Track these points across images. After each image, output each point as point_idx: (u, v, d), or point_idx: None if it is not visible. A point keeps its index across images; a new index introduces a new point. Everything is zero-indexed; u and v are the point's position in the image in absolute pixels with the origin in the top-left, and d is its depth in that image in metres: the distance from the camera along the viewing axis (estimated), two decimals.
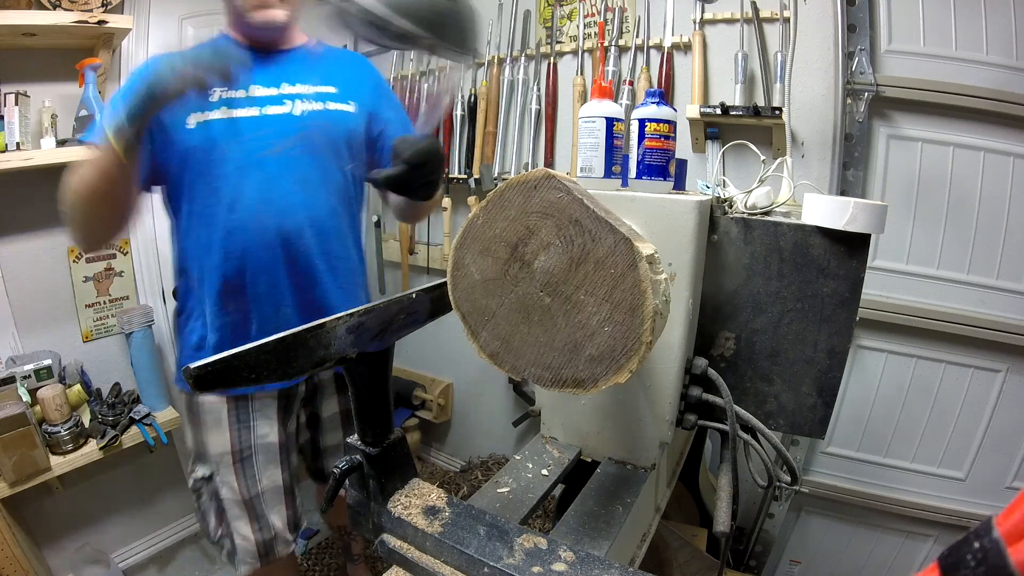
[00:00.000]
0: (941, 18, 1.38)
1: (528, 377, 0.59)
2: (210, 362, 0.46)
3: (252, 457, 1.14)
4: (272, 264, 1.05)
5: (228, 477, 1.13)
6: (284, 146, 1.04)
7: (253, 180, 1.02)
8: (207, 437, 1.12)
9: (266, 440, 1.15)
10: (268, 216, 1.03)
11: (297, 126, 1.05)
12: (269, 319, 1.07)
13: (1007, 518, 0.25)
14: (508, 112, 2.04)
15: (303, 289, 1.09)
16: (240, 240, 1.02)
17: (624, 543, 0.77)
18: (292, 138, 1.04)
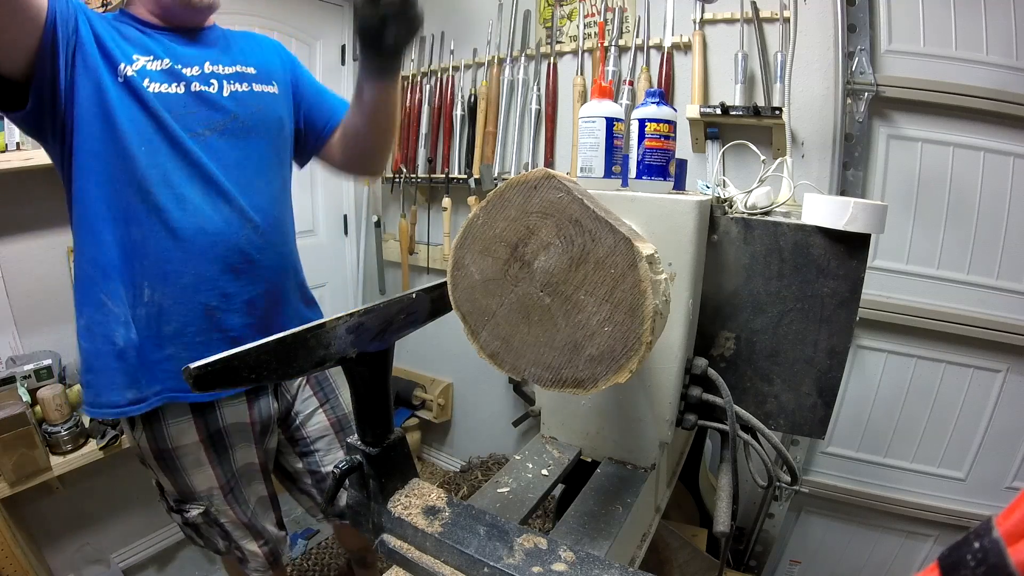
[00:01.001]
0: (941, 18, 1.38)
1: (528, 377, 0.59)
2: (210, 362, 0.45)
3: (238, 485, 1.12)
4: (198, 254, 0.96)
5: (223, 507, 1.11)
6: (216, 128, 0.97)
7: (188, 161, 0.94)
8: (190, 479, 1.07)
9: (247, 462, 1.12)
10: (207, 202, 0.96)
11: (226, 109, 0.99)
12: (195, 318, 0.98)
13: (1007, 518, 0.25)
14: (508, 112, 2.04)
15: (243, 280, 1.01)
16: (156, 229, 0.93)
17: (624, 543, 0.77)
18: (224, 120, 0.98)
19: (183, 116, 0.94)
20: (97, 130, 0.89)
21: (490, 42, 2.04)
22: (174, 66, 0.95)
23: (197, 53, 0.99)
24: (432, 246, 2.34)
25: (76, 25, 0.87)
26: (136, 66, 0.91)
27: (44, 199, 1.67)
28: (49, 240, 1.69)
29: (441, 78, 2.17)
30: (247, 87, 1.03)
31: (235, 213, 0.99)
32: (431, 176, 2.23)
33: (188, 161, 0.95)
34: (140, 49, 0.93)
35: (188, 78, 0.96)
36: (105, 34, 0.90)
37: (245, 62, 1.05)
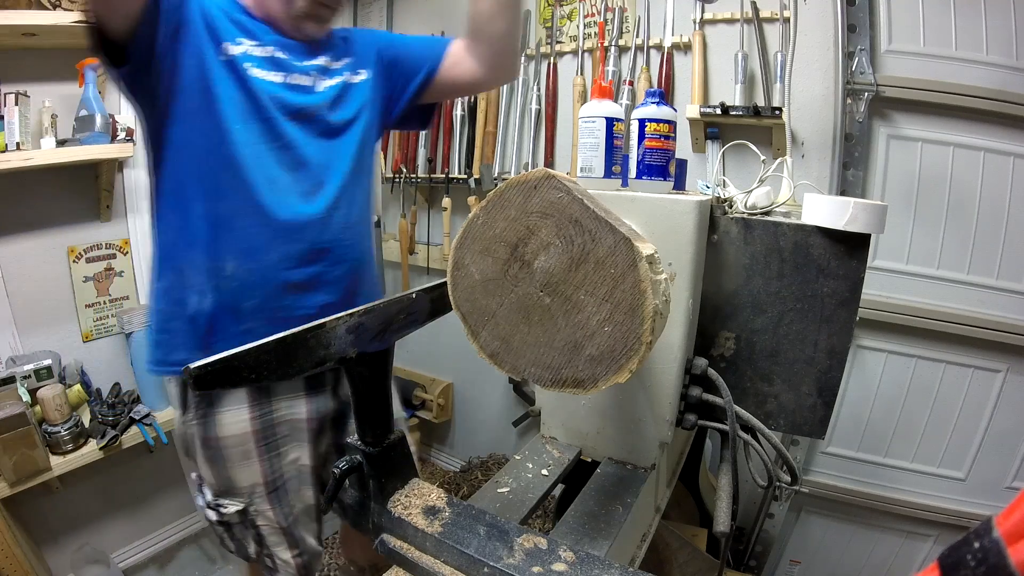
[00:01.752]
0: (941, 18, 1.38)
1: (528, 377, 0.59)
2: (210, 362, 0.46)
3: (284, 486, 1.06)
4: (301, 227, 0.98)
5: (263, 507, 1.05)
6: (309, 117, 1.00)
7: (281, 144, 0.97)
8: (233, 472, 1.03)
9: (298, 464, 1.07)
10: (298, 188, 0.98)
11: (321, 100, 1.02)
12: (271, 297, 0.99)
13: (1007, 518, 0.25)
14: (508, 112, 2.04)
15: (327, 262, 1.02)
16: (248, 223, 0.95)
17: (624, 543, 0.77)
18: (316, 110, 1.00)
19: (279, 103, 0.96)
20: (196, 104, 0.92)
21: None
22: (276, 54, 0.97)
23: (299, 45, 1.01)
24: (432, 246, 2.34)
25: (182, 2, 0.90)
26: (240, 48, 0.93)
27: (44, 199, 1.67)
28: (49, 240, 1.70)
29: None
30: (341, 79, 1.06)
31: (324, 199, 1.00)
32: (431, 176, 2.23)
33: (281, 144, 0.97)
34: (246, 33, 0.95)
35: (288, 68, 0.98)
36: (215, 13, 0.93)
37: (344, 54, 1.08)
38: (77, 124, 1.59)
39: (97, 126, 1.58)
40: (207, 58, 0.91)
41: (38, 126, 1.57)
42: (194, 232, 0.96)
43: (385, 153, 2.39)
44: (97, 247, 1.79)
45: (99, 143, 1.59)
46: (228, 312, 0.98)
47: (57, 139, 1.57)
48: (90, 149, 1.58)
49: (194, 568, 1.99)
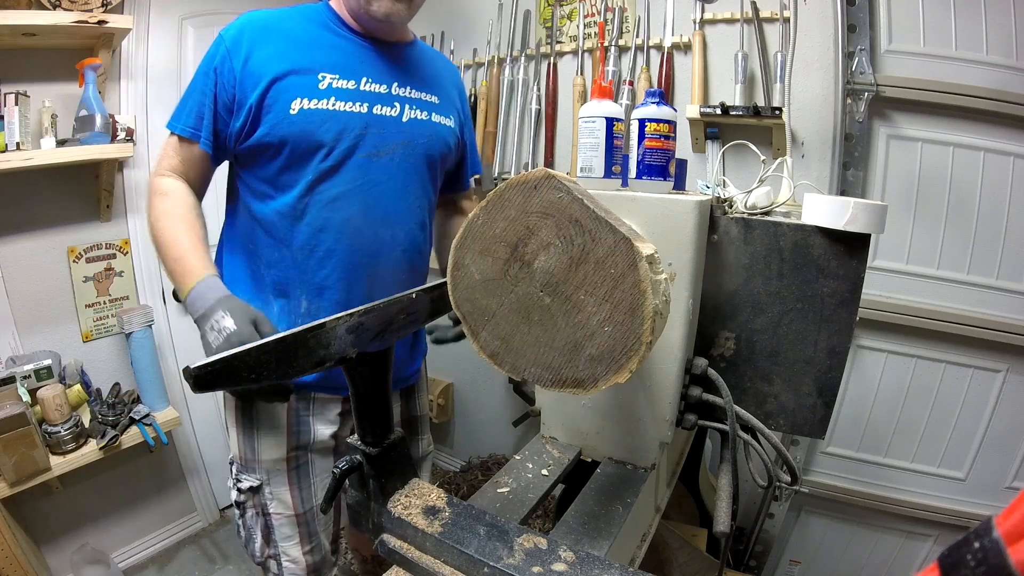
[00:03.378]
0: (941, 18, 1.38)
1: (528, 377, 0.59)
2: (210, 362, 0.46)
3: (308, 465, 1.05)
4: (359, 271, 0.99)
5: (280, 489, 1.04)
6: (389, 151, 0.99)
7: (353, 181, 0.97)
8: (259, 441, 1.03)
9: (323, 442, 1.06)
10: (365, 222, 0.98)
11: (404, 132, 1.01)
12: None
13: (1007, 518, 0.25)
14: (508, 112, 2.04)
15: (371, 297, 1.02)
16: (330, 240, 0.97)
17: (624, 543, 0.77)
18: (397, 144, 1.00)
19: (359, 136, 0.96)
20: (270, 154, 0.95)
21: (490, 42, 2.03)
22: (360, 86, 0.97)
23: (387, 70, 1.01)
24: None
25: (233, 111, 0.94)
26: (324, 83, 0.94)
27: (44, 199, 1.67)
28: (49, 240, 1.70)
29: None
30: (427, 116, 1.05)
31: (391, 236, 1.02)
32: None
33: (352, 181, 0.97)
34: (329, 64, 0.95)
35: (372, 99, 0.98)
36: (281, 64, 0.93)
37: (430, 90, 1.08)
38: (77, 124, 1.59)
39: (97, 126, 1.58)
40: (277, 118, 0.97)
41: (38, 126, 1.57)
42: (264, 279, 1.03)
43: None
44: (97, 247, 1.79)
45: (99, 143, 1.59)
46: None
47: (57, 139, 1.57)
48: (90, 149, 1.58)
49: (194, 568, 1.99)
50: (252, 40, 0.93)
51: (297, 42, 0.96)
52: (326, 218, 0.96)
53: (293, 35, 0.96)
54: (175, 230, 0.91)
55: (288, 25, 0.97)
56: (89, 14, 1.50)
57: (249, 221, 1.01)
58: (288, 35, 0.96)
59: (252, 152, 0.96)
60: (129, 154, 1.66)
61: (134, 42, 1.79)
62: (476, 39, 2.10)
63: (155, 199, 0.95)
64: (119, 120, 1.67)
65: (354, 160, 0.96)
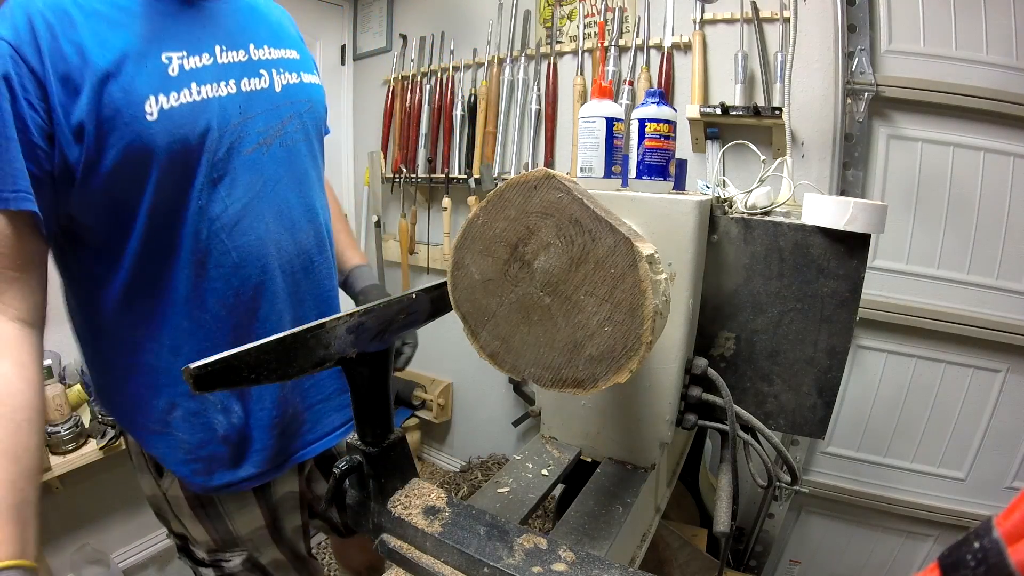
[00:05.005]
0: (941, 18, 1.38)
1: (528, 377, 0.59)
2: (210, 362, 0.45)
3: (280, 518, 0.96)
4: (296, 292, 0.84)
5: (267, 548, 0.94)
6: (275, 135, 0.78)
7: (250, 188, 0.75)
8: (234, 525, 0.90)
9: (287, 491, 0.96)
10: (282, 233, 0.79)
11: (284, 107, 0.80)
12: None
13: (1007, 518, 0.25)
14: (508, 112, 2.04)
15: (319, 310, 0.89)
16: (254, 274, 0.76)
17: (624, 543, 0.77)
18: (281, 122, 0.79)
19: (238, 126, 0.74)
20: (126, 188, 0.69)
21: (490, 42, 2.04)
22: (217, 58, 0.72)
23: (235, 30, 0.76)
24: (432, 246, 2.34)
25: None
26: (174, 68, 0.68)
27: None
28: None
29: (441, 78, 2.17)
30: (297, 78, 0.83)
31: (314, 238, 0.86)
32: (431, 176, 2.23)
33: (249, 188, 0.75)
34: (169, 38, 0.69)
35: (236, 72, 0.74)
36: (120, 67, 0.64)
37: (286, 43, 0.85)
38: None
39: None
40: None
41: None
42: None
43: (385, 153, 2.39)
44: None
45: None
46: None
47: None
48: None
49: None
50: (48, 27, 0.62)
51: (111, 17, 0.66)
52: (241, 247, 0.74)
53: (99, 9, 0.65)
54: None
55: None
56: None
57: (116, 316, 0.73)
58: (93, 10, 0.65)
59: (96, 195, 0.66)
60: None
61: None
62: (476, 39, 2.10)
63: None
64: None
65: (240, 160, 0.74)
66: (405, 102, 2.26)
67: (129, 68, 0.65)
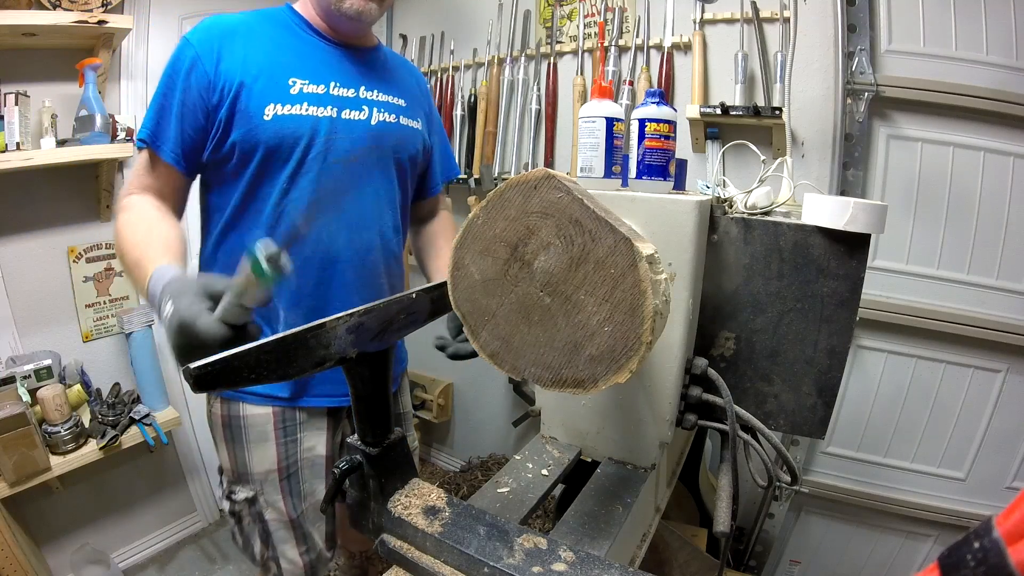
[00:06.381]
0: (941, 18, 1.38)
1: (528, 377, 0.59)
2: (210, 362, 0.45)
3: (298, 473, 1.05)
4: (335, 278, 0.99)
5: (274, 497, 1.04)
6: (359, 155, 0.99)
7: (326, 187, 0.96)
8: (250, 455, 1.03)
9: (312, 453, 1.06)
10: (340, 227, 0.98)
11: (373, 135, 1.00)
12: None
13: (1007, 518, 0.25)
14: (508, 112, 2.04)
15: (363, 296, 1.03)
16: (306, 250, 0.95)
17: (624, 543, 0.77)
18: (367, 148, 0.99)
19: (329, 141, 0.95)
20: (242, 162, 0.94)
21: (490, 42, 2.03)
22: (329, 90, 0.96)
23: (354, 73, 1.00)
24: None
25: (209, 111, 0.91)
26: (295, 88, 0.93)
27: (44, 199, 1.67)
28: (49, 240, 1.70)
29: (441, 78, 2.17)
30: (395, 119, 1.04)
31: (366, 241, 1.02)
32: None
33: (324, 188, 0.96)
34: (298, 68, 0.94)
35: (340, 103, 0.97)
36: (254, 69, 0.91)
37: (398, 93, 1.07)
38: (77, 124, 1.59)
39: (97, 126, 1.58)
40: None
41: (38, 126, 1.57)
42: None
43: None
44: (97, 247, 1.80)
45: (99, 143, 1.59)
46: None
47: (57, 139, 1.57)
48: (90, 149, 1.58)
49: (194, 568, 1.99)
50: (221, 44, 0.91)
51: (265, 46, 0.94)
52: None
53: (260, 39, 0.94)
54: (135, 237, 0.86)
55: (254, 28, 0.95)
56: (89, 14, 1.50)
57: (221, 237, 0.99)
58: (255, 39, 0.94)
59: (223, 161, 0.93)
60: (129, 154, 1.66)
61: (134, 42, 1.79)
62: (476, 39, 2.10)
63: (120, 216, 0.91)
64: (119, 120, 1.67)
65: (325, 166, 0.95)
66: None
67: (261, 82, 0.91)
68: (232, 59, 0.90)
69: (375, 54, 1.07)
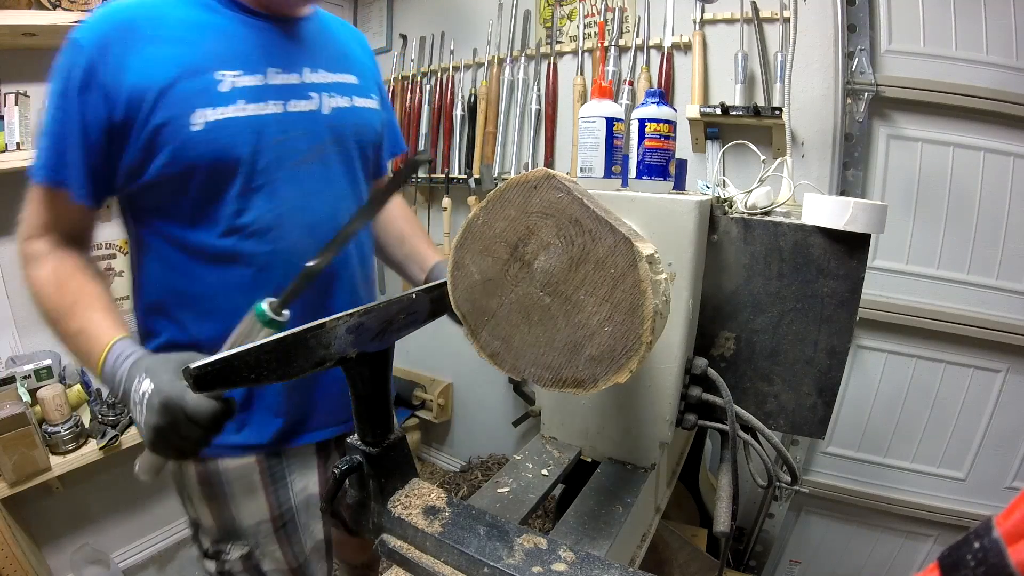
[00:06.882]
0: (941, 18, 1.38)
1: (528, 377, 0.59)
2: (210, 362, 0.45)
3: (295, 519, 0.93)
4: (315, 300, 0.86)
5: (271, 548, 0.92)
6: (318, 154, 0.83)
7: (288, 200, 0.81)
8: (237, 509, 0.89)
9: (306, 493, 0.94)
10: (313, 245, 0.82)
11: (329, 127, 0.85)
12: None
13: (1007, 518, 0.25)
14: (508, 112, 2.04)
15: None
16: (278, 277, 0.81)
17: (624, 543, 0.77)
18: (325, 143, 0.84)
19: (280, 143, 0.79)
20: (175, 188, 0.79)
21: (490, 42, 2.03)
22: (268, 79, 0.79)
23: (293, 54, 0.83)
24: None
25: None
26: (225, 85, 0.74)
27: None
28: None
29: (441, 78, 2.17)
30: (349, 102, 0.88)
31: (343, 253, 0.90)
32: (431, 176, 2.23)
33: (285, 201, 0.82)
34: (226, 58, 0.76)
35: (285, 93, 0.80)
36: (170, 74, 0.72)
37: (347, 68, 0.90)
38: None
39: None
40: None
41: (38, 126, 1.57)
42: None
43: None
44: (97, 247, 1.79)
45: None
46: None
47: None
48: None
49: (194, 568, 1.99)
50: (122, 42, 0.71)
51: (179, 35, 0.74)
52: (267, 253, 0.80)
53: (172, 27, 0.74)
54: (63, 299, 0.74)
55: (163, 14, 0.74)
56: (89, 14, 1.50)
57: (165, 271, 0.83)
58: (165, 28, 0.74)
59: (150, 189, 0.76)
60: None
61: None
62: (476, 39, 2.10)
63: (28, 269, 0.77)
64: None
65: (281, 175, 0.80)
66: (405, 102, 2.26)
67: (183, 83, 0.72)
68: (139, 59, 0.71)
69: (311, 24, 0.88)
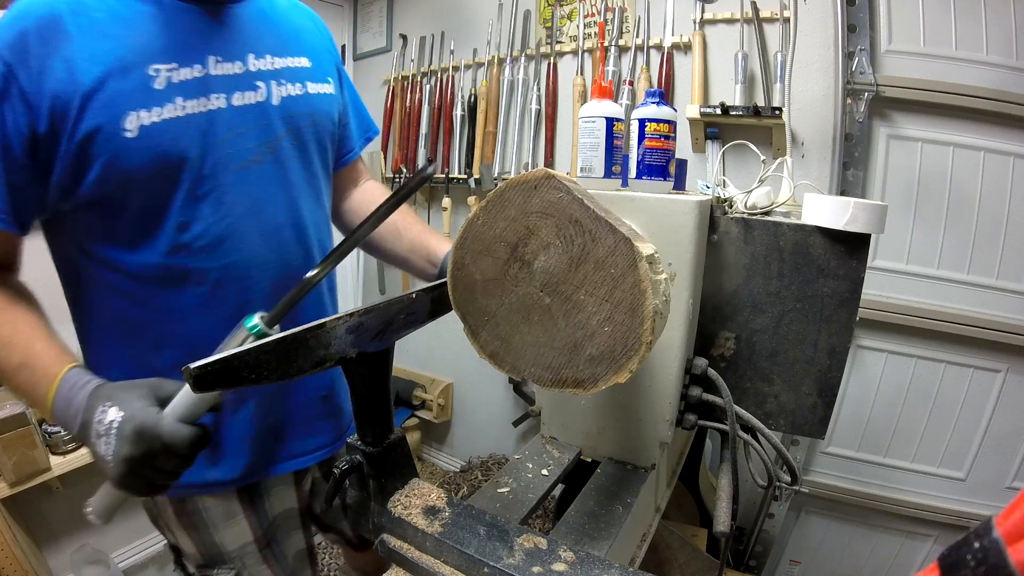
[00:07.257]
0: (941, 18, 1.38)
1: (528, 377, 0.59)
2: (209, 362, 0.45)
3: (276, 537, 0.93)
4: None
5: (258, 568, 0.90)
6: (269, 151, 0.76)
7: (238, 206, 0.73)
8: (220, 535, 0.87)
9: (285, 508, 0.93)
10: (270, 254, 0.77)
11: (281, 119, 0.77)
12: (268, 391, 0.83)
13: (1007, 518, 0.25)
14: (508, 112, 2.04)
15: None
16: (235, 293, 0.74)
17: (624, 543, 0.77)
18: (276, 138, 0.76)
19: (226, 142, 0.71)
20: (113, 204, 0.70)
21: (490, 42, 2.04)
22: (209, 70, 0.70)
23: (235, 39, 0.73)
24: None
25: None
26: (160, 81, 0.66)
27: None
28: None
29: (441, 78, 2.17)
30: (301, 89, 0.80)
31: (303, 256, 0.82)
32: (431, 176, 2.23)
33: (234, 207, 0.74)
34: (159, 50, 0.67)
35: (228, 85, 0.72)
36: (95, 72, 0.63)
37: (298, 50, 0.81)
38: None
39: None
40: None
41: None
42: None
43: (385, 153, 2.39)
44: None
45: None
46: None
47: None
48: None
49: None
50: (42, 41, 0.62)
51: (105, 28, 0.65)
52: (221, 268, 0.73)
53: (96, 19, 0.65)
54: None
55: (84, 6, 0.64)
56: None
57: (111, 299, 0.74)
58: (89, 21, 0.64)
59: (86, 208, 0.68)
60: None
61: None
62: (476, 39, 2.10)
63: None
64: None
65: (228, 179, 0.72)
66: (405, 102, 2.26)
67: (112, 84, 0.64)
68: (61, 60, 0.62)
69: (254, 4, 0.78)
